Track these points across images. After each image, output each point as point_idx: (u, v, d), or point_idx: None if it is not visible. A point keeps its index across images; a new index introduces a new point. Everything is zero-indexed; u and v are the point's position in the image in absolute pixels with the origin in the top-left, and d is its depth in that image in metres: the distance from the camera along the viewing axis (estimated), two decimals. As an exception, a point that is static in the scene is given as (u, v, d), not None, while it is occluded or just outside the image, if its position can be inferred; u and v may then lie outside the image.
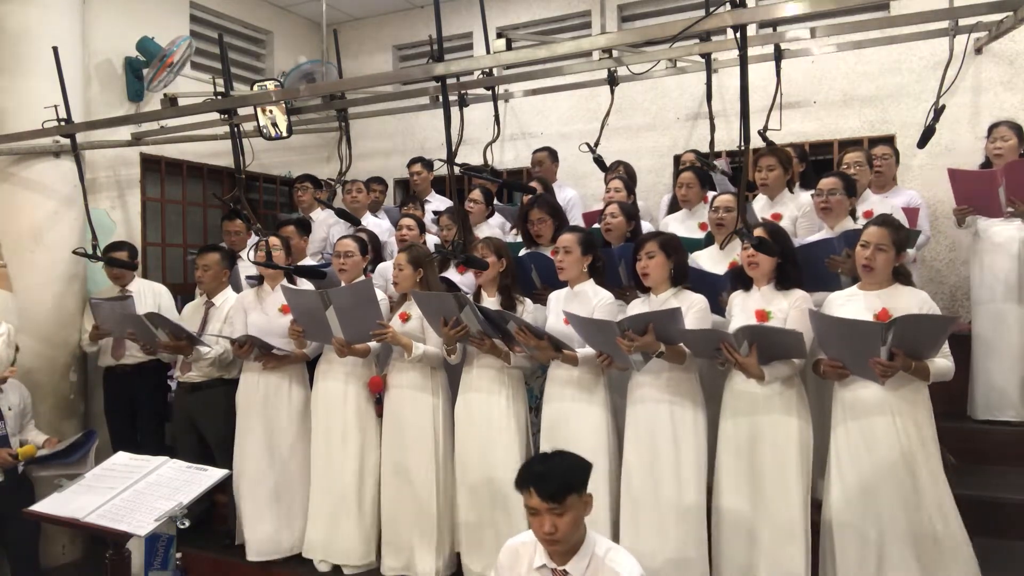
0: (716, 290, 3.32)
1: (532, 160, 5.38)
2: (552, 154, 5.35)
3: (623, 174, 4.65)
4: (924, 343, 2.74)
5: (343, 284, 3.81)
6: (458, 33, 6.35)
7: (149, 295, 4.52)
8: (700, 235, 3.99)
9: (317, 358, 3.91)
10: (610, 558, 2.22)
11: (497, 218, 4.95)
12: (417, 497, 3.56)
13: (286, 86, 5.62)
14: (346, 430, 3.73)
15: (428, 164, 5.51)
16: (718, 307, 3.29)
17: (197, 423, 4.13)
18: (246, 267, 4.47)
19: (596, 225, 4.11)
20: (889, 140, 4.97)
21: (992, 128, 4.20)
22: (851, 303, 2.90)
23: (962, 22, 4.16)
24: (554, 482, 2.17)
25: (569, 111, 6.10)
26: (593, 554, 2.23)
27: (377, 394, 3.73)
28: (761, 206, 4.01)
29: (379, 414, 3.73)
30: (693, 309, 3.10)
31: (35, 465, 3.92)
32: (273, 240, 3.90)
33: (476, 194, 4.66)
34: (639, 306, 3.24)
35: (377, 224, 5.14)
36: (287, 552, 3.87)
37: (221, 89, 3.78)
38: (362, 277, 3.90)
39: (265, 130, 4.03)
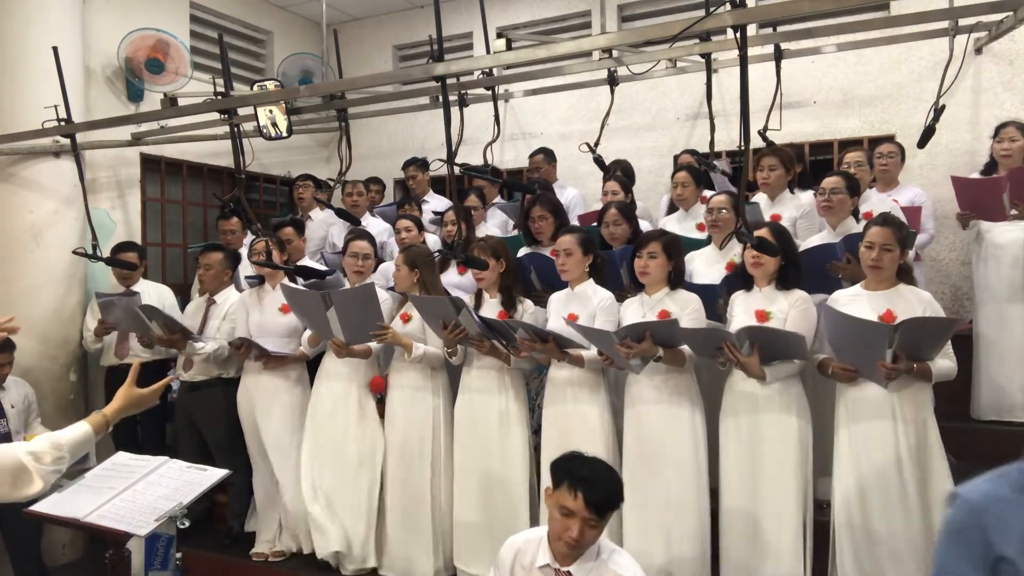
0: (711, 299, 3.29)
1: (529, 164, 5.32)
2: (548, 155, 5.30)
3: (619, 175, 4.62)
4: (926, 345, 2.74)
5: (348, 284, 3.81)
6: (458, 33, 6.34)
7: (154, 296, 4.50)
8: (699, 235, 3.96)
9: (317, 358, 3.91)
10: (613, 560, 2.24)
11: (495, 216, 4.93)
12: (416, 498, 3.56)
13: (283, 75, 5.62)
14: (347, 430, 3.72)
15: (423, 165, 5.50)
16: (713, 314, 3.26)
17: (196, 422, 4.13)
18: (244, 266, 4.47)
19: (594, 224, 4.10)
20: (889, 140, 4.95)
21: (999, 128, 4.19)
22: (855, 303, 2.89)
23: (962, 22, 4.16)
24: (603, 495, 2.17)
25: (569, 111, 6.09)
26: (597, 556, 2.24)
27: (378, 394, 3.73)
28: (761, 207, 3.99)
29: (381, 414, 3.73)
30: (688, 309, 3.11)
31: None
32: (259, 245, 3.89)
33: (473, 200, 4.59)
34: (633, 306, 3.24)
35: (375, 224, 5.13)
36: (289, 551, 3.89)
37: (221, 89, 3.78)
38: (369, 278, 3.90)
39: (265, 130, 4.04)
